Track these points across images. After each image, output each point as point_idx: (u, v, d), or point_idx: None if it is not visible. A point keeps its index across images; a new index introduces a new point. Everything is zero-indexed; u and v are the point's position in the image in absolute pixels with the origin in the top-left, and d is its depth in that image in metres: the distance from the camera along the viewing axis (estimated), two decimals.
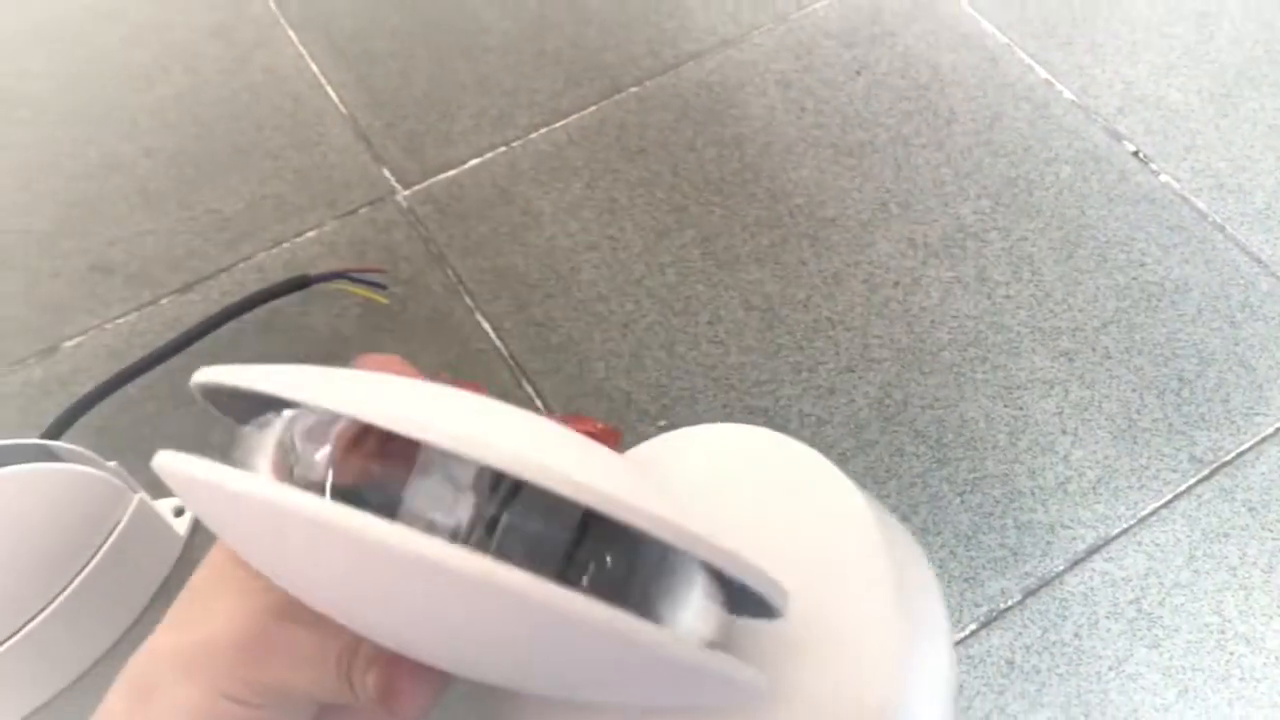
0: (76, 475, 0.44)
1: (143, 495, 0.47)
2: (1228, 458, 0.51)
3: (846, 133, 0.62)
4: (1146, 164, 0.60)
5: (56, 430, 0.51)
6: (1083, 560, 0.48)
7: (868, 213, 0.59)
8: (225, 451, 0.44)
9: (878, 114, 0.63)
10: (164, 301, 0.58)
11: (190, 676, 0.26)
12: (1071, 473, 0.50)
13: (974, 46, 0.66)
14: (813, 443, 0.51)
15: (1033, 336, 0.54)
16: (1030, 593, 0.47)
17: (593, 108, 0.64)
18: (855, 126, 0.63)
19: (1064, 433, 0.52)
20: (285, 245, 0.59)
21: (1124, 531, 0.49)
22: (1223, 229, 0.58)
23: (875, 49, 0.66)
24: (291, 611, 0.27)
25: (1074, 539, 0.49)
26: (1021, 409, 0.52)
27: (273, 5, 0.70)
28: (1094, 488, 0.50)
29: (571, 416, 0.28)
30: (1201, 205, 0.59)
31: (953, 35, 0.67)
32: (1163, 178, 0.60)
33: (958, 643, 0.46)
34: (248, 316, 0.56)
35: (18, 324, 0.57)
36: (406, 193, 0.61)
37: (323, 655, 0.26)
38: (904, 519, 0.49)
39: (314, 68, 0.67)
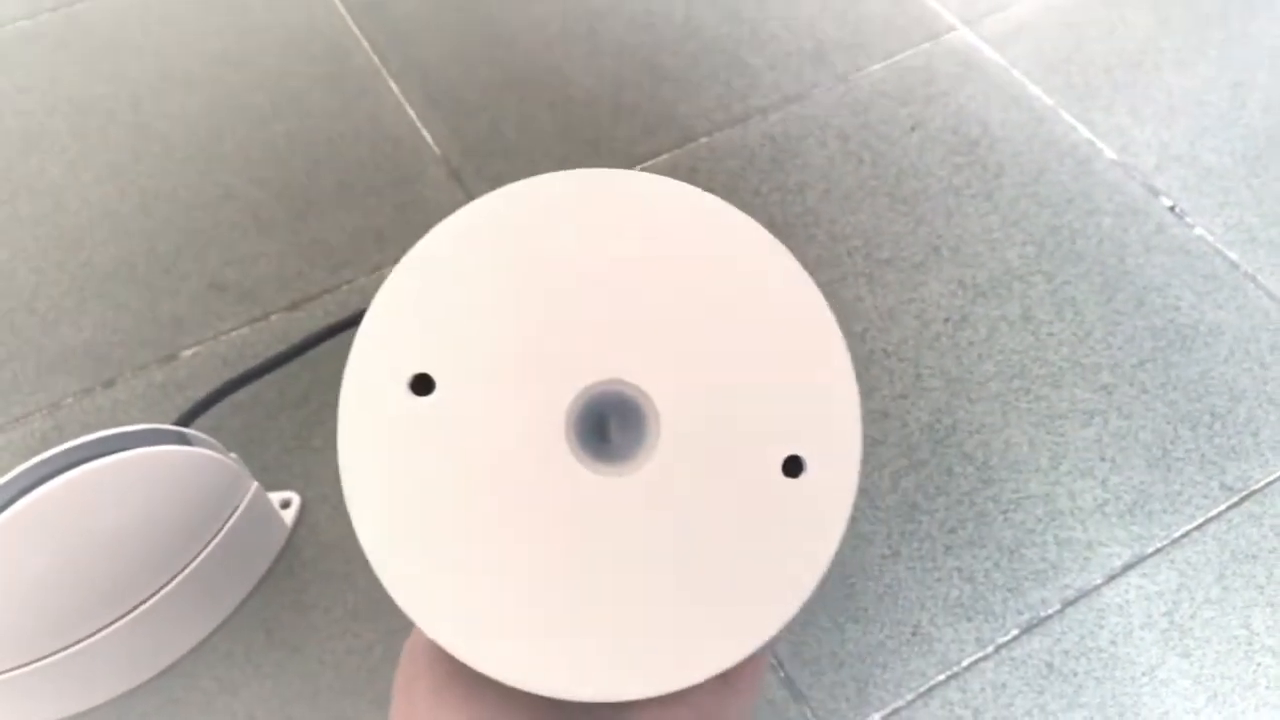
0: (206, 459, 0.49)
1: (258, 484, 0.52)
2: (1257, 486, 0.54)
3: (901, 183, 0.67)
4: (1182, 218, 0.65)
5: (184, 422, 0.57)
6: (1119, 575, 0.52)
7: (920, 255, 0.64)
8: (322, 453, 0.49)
9: (930, 166, 0.68)
10: (273, 318, 0.63)
11: None
12: (1109, 495, 0.54)
13: (1022, 107, 0.71)
14: (868, 461, 0.55)
15: (1074, 371, 0.59)
16: (1069, 603, 0.51)
17: (666, 155, 0.70)
18: (909, 177, 0.68)
19: (1102, 459, 0.55)
20: (384, 271, 0.65)
21: (1158, 550, 0.52)
22: (1254, 279, 0.62)
23: (929, 107, 0.71)
24: None
25: (1111, 556, 0.52)
26: (1063, 436, 0.56)
27: (375, 58, 0.77)
28: (1130, 510, 0.54)
29: None
30: (1234, 256, 0.63)
31: (1002, 96, 0.72)
32: (1197, 230, 0.64)
33: (1001, 646, 0.50)
34: (349, 333, 0.62)
35: (142, 334, 0.63)
36: None
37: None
38: (951, 531, 0.53)
39: (411, 114, 0.74)
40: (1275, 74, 0.72)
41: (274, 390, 0.60)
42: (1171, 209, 0.65)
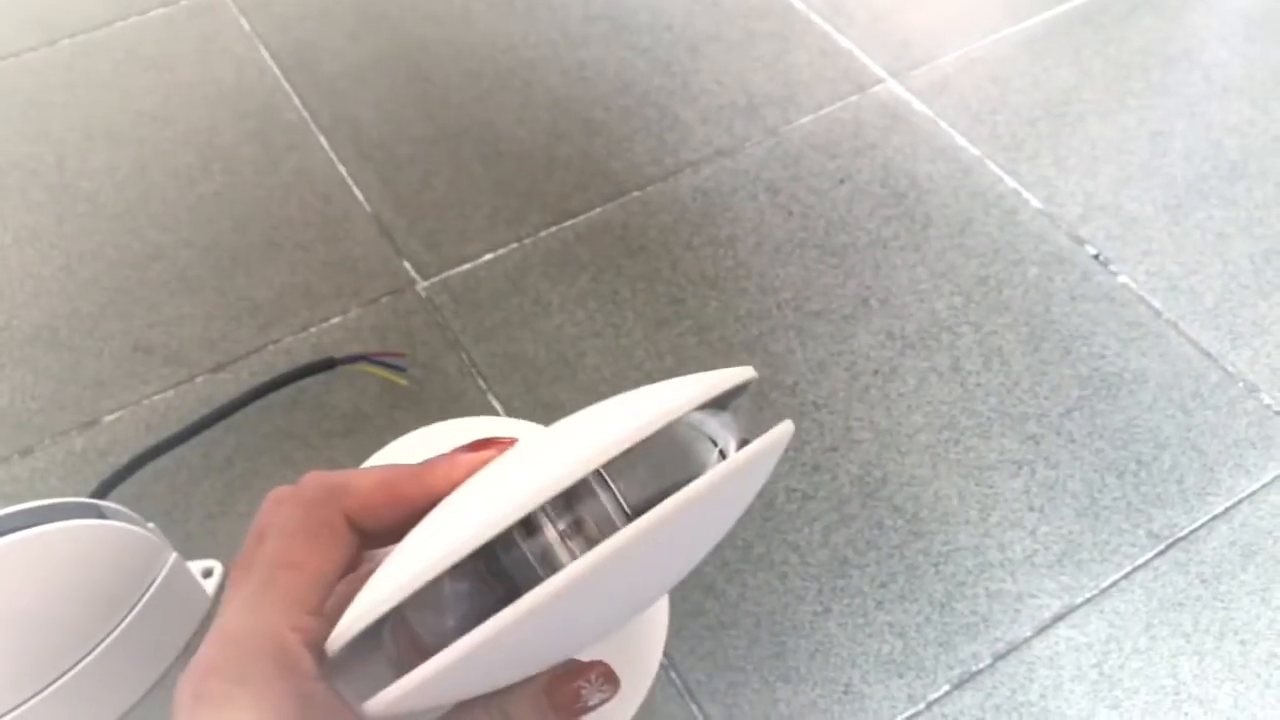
0: (121, 532, 0.48)
1: (178, 555, 0.51)
2: (1182, 534, 0.55)
3: (830, 235, 0.68)
4: (1106, 266, 0.66)
5: (99, 494, 0.55)
6: (1049, 627, 0.52)
7: (849, 307, 0.64)
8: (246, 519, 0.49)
9: (859, 218, 0.69)
10: (198, 380, 0.62)
11: None
12: (1038, 546, 0.54)
13: (948, 159, 0.72)
14: (798, 516, 0.55)
15: (1002, 421, 0.59)
16: (1000, 656, 0.51)
17: (598, 209, 0.70)
18: (838, 229, 0.68)
19: (1031, 509, 0.56)
20: (312, 330, 0.64)
21: (1087, 601, 0.53)
22: (1176, 325, 0.63)
23: (857, 160, 0.72)
24: None
25: (1040, 607, 0.52)
26: (991, 487, 0.57)
27: (305, 114, 0.76)
28: (1059, 560, 0.54)
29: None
30: (1157, 304, 0.64)
31: (929, 148, 0.73)
32: (1121, 279, 0.65)
33: (933, 702, 0.50)
34: (276, 395, 0.61)
35: (62, 399, 0.62)
36: (425, 284, 0.66)
37: None
38: (881, 586, 0.53)
39: (342, 170, 0.73)
40: (1194, 123, 0.74)
41: (198, 455, 0.59)
42: (1096, 257, 0.66)
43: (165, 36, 0.82)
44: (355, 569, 0.31)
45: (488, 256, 0.68)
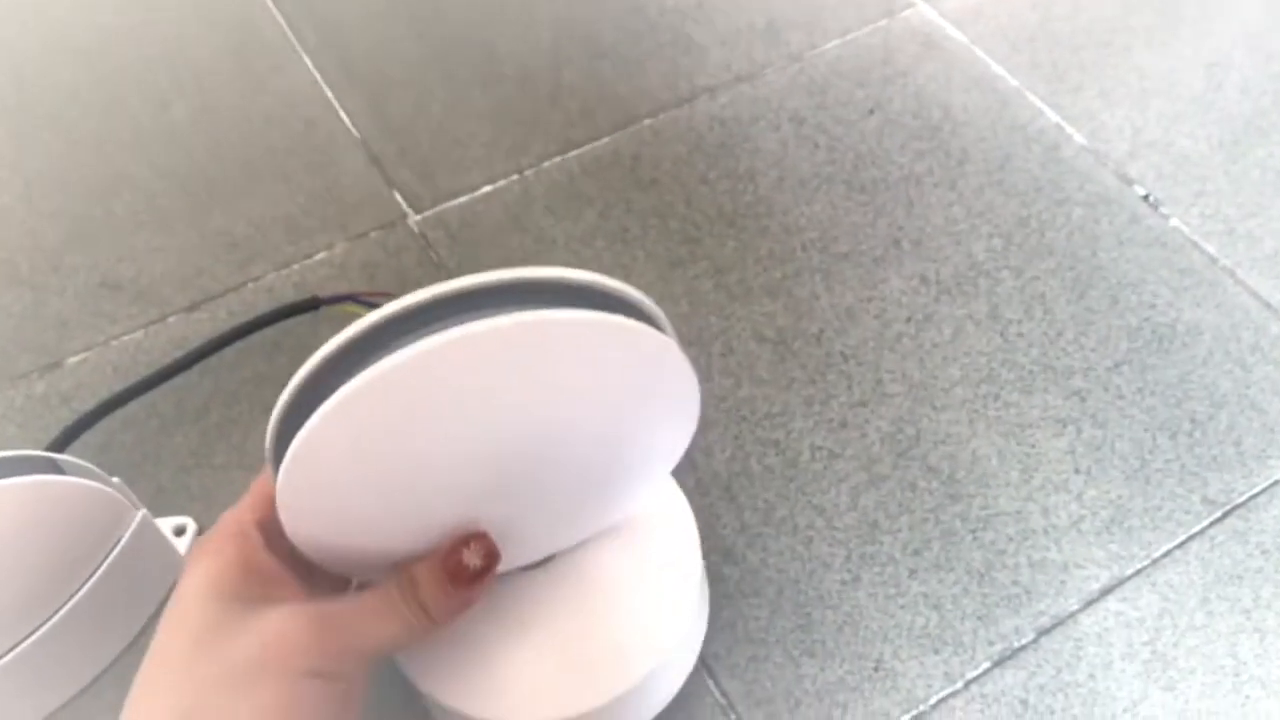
0: (80, 489, 0.43)
1: (145, 512, 0.47)
2: (1240, 499, 0.51)
3: (859, 170, 0.63)
4: (1156, 208, 0.61)
5: (59, 445, 0.51)
6: (1097, 600, 0.48)
7: (880, 249, 0.59)
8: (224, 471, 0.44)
9: (890, 152, 0.63)
10: (171, 320, 0.57)
11: (263, 676, 0.30)
12: (1085, 511, 0.50)
13: (985, 89, 0.67)
14: (824, 476, 0.51)
15: (1045, 375, 0.54)
16: (1044, 632, 0.47)
17: (606, 139, 0.64)
18: (868, 164, 0.63)
19: (1077, 471, 0.51)
20: (295, 267, 0.59)
21: (1138, 572, 0.48)
22: (1233, 273, 0.58)
23: (887, 89, 0.67)
24: (332, 593, 0.34)
25: (1088, 578, 0.48)
26: (1034, 447, 0.52)
27: (288, 31, 0.70)
28: (1107, 527, 0.50)
29: None
30: (1211, 250, 0.59)
31: (964, 77, 0.67)
32: (1173, 222, 0.60)
33: (971, 681, 0.46)
34: (256, 337, 0.56)
35: (22, 338, 0.57)
36: (418, 217, 0.61)
37: (386, 599, 0.33)
38: (915, 553, 0.49)
39: (328, 93, 0.67)
40: (1252, 53, 0.68)
41: (170, 402, 0.54)
42: (1145, 198, 0.61)
43: None
44: None
45: (486, 189, 0.62)
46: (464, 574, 0.34)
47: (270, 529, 0.34)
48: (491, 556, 0.34)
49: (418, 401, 0.30)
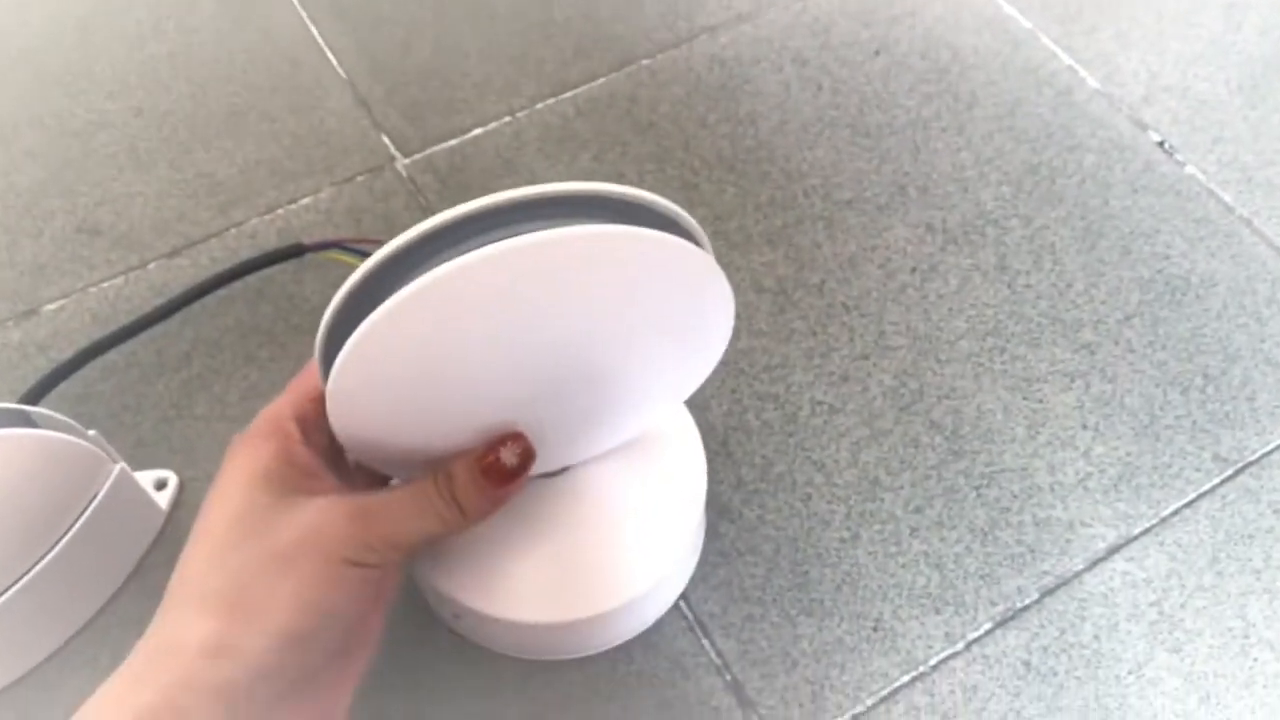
0: (54, 442, 0.42)
1: (123, 466, 0.45)
2: (1253, 457, 0.49)
3: (864, 113, 0.60)
4: (1172, 155, 0.59)
5: (34, 396, 0.49)
6: (1103, 560, 0.46)
7: (885, 196, 0.57)
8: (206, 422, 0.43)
9: (896, 95, 0.61)
10: (151, 266, 0.55)
11: (303, 561, 0.31)
12: (1092, 469, 0.49)
13: (996, 30, 0.64)
14: (824, 431, 0.49)
15: (1053, 328, 0.53)
16: (1048, 592, 0.46)
17: (602, 80, 0.62)
18: (873, 107, 0.61)
19: (1084, 427, 0.50)
20: (279, 211, 0.57)
21: (1146, 531, 0.47)
22: (1249, 223, 0.56)
23: (894, 29, 0.64)
24: (371, 488, 0.36)
25: (1094, 537, 0.47)
26: (1041, 402, 0.50)
27: None
28: (1115, 485, 0.48)
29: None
30: (1228, 198, 0.57)
31: (974, 18, 0.65)
32: (1189, 169, 0.58)
33: (973, 641, 0.44)
34: (239, 284, 0.54)
35: (26, 282, 0.55)
36: (406, 161, 0.59)
37: (423, 494, 0.34)
38: (916, 511, 0.47)
39: (313, 30, 0.65)
40: None
41: (150, 351, 0.52)
42: (1160, 145, 0.59)
43: None
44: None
45: (476, 131, 0.60)
46: (500, 472, 0.35)
47: (308, 425, 0.35)
48: (527, 456, 0.35)
49: (468, 308, 0.31)
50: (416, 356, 0.32)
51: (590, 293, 0.32)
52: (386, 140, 0.60)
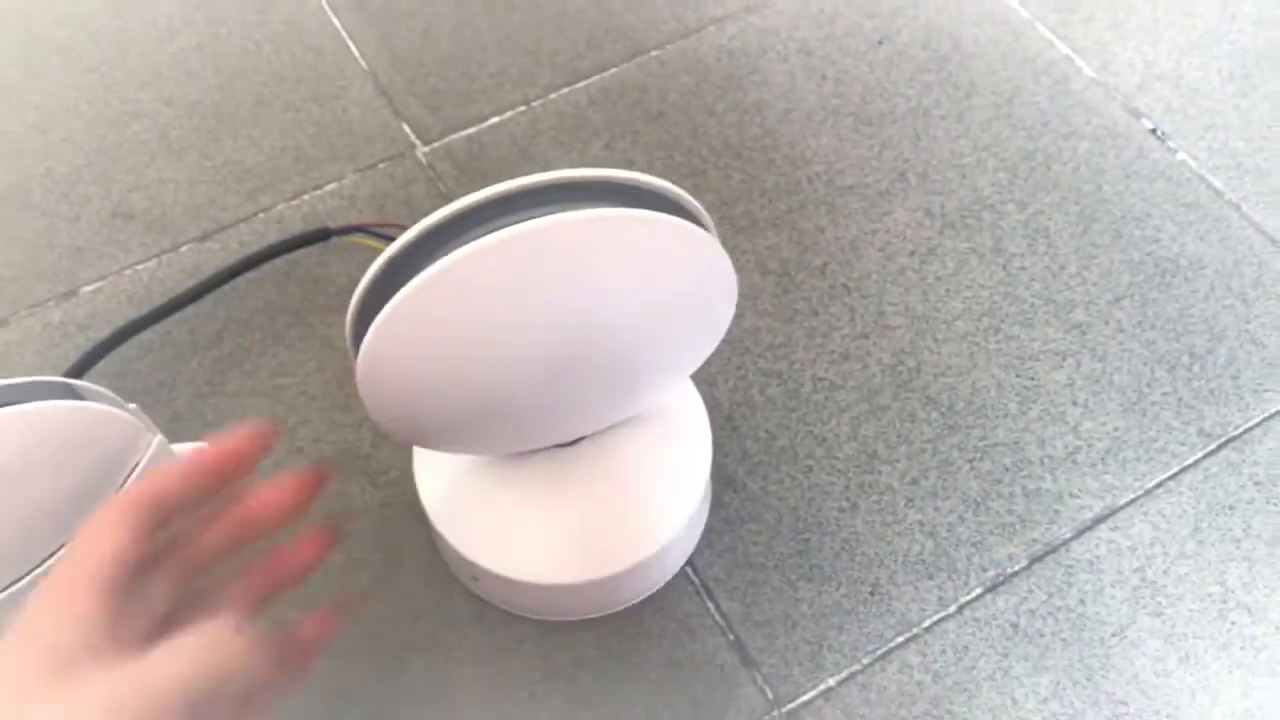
0: (98, 414, 0.44)
1: (161, 437, 0.48)
2: (1236, 433, 0.51)
3: (866, 102, 0.63)
4: (1164, 141, 0.61)
5: (76, 372, 0.52)
6: (1089, 529, 0.49)
7: (886, 182, 0.59)
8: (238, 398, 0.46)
9: (898, 84, 0.63)
10: (183, 249, 0.58)
11: None
12: (1081, 443, 0.51)
13: (996, 20, 0.66)
14: (825, 407, 0.51)
15: (1046, 308, 0.55)
16: (1036, 559, 0.48)
17: (613, 70, 0.64)
18: (875, 96, 0.63)
19: (1074, 404, 0.52)
20: (305, 197, 0.60)
21: (1131, 502, 0.49)
22: (1238, 208, 0.58)
23: (897, 20, 0.66)
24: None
25: (1081, 508, 0.49)
26: (1033, 379, 0.53)
27: None
28: (1103, 458, 0.51)
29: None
30: (1218, 184, 0.59)
31: (975, 9, 0.67)
32: (1180, 155, 0.60)
33: (964, 605, 0.47)
34: (266, 266, 0.56)
35: (37, 266, 0.57)
36: (426, 149, 0.61)
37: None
38: (912, 482, 0.50)
39: (336, 22, 0.67)
40: None
41: (184, 330, 0.55)
42: (1153, 132, 0.61)
43: None
44: None
45: (493, 120, 0.63)
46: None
47: (152, 518, 0.32)
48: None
49: (489, 287, 0.33)
50: (441, 332, 0.34)
51: (602, 272, 0.35)
52: (407, 129, 0.62)
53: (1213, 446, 0.51)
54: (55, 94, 0.64)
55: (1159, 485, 0.50)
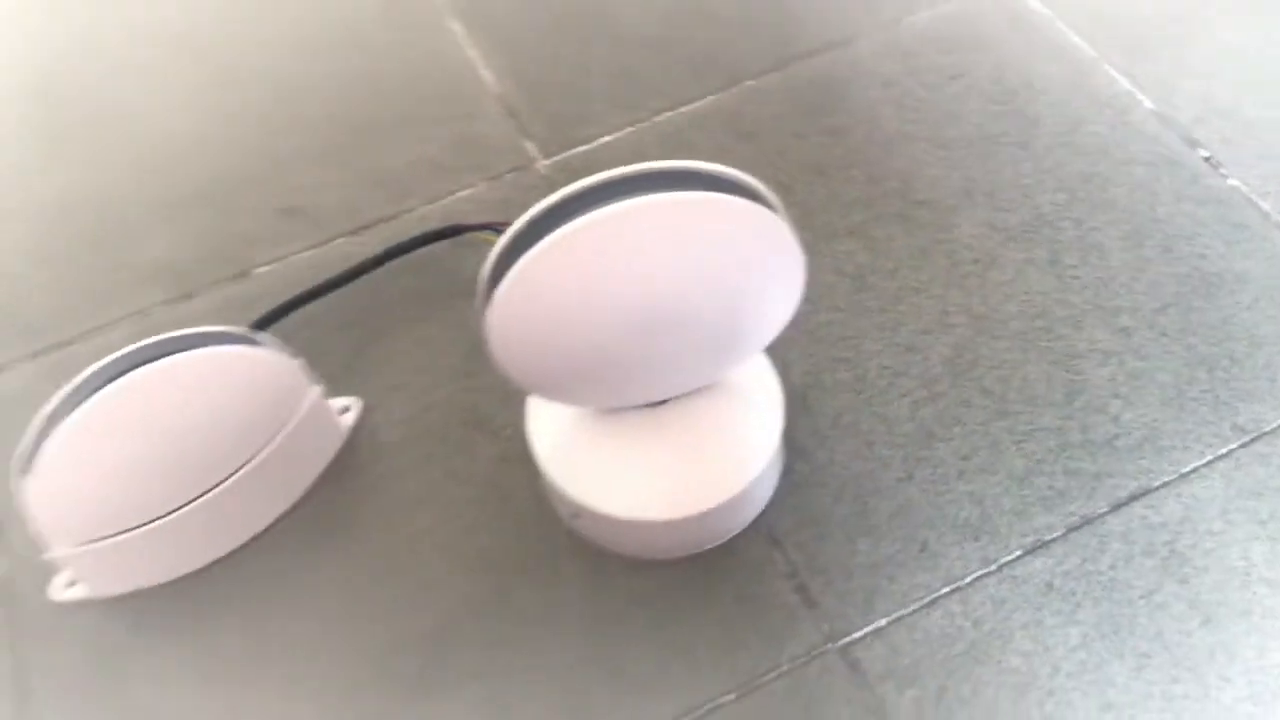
0: (274, 359, 0.54)
1: (321, 388, 0.57)
2: (1268, 428, 0.56)
3: (939, 129, 0.69)
4: (1217, 168, 0.66)
5: (257, 328, 0.61)
6: (1124, 505, 0.54)
7: (954, 198, 0.66)
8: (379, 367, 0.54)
9: (969, 114, 0.70)
10: (337, 241, 0.68)
11: None
12: (1120, 431, 0.56)
13: (1065, 60, 0.72)
14: (888, 391, 0.58)
15: (1095, 313, 0.61)
16: (1073, 529, 0.54)
17: (712, 97, 0.72)
18: (948, 123, 0.70)
19: (1116, 397, 0.58)
20: (442, 201, 0.69)
21: (1164, 484, 0.55)
22: None
23: (972, 56, 0.73)
24: None
25: (1117, 487, 0.55)
26: (1079, 374, 0.58)
27: (439, 1, 0.80)
28: (1140, 445, 0.56)
29: None
30: (1266, 206, 0.64)
31: (1047, 49, 0.73)
32: (1231, 181, 0.65)
33: (1004, 564, 0.53)
34: (409, 257, 0.66)
35: (217, 252, 0.68)
36: (546, 162, 0.70)
37: None
38: (963, 459, 0.56)
39: (472, 53, 0.77)
40: None
41: (337, 308, 0.65)
42: (1207, 160, 0.67)
43: None
44: None
45: (605, 139, 0.71)
46: None
47: None
48: None
49: (599, 253, 0.41)
50: (554, 291, 0.42)
51: (690, 246, 0.42)
52: (530, 145, 0.71)
53: (1245, 439, 0.56)
54: (234, 109, 0.75)
55: (1192, 471, 0.55)
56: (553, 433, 0.54)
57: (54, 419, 0.49)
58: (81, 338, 0.65)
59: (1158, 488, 0.55)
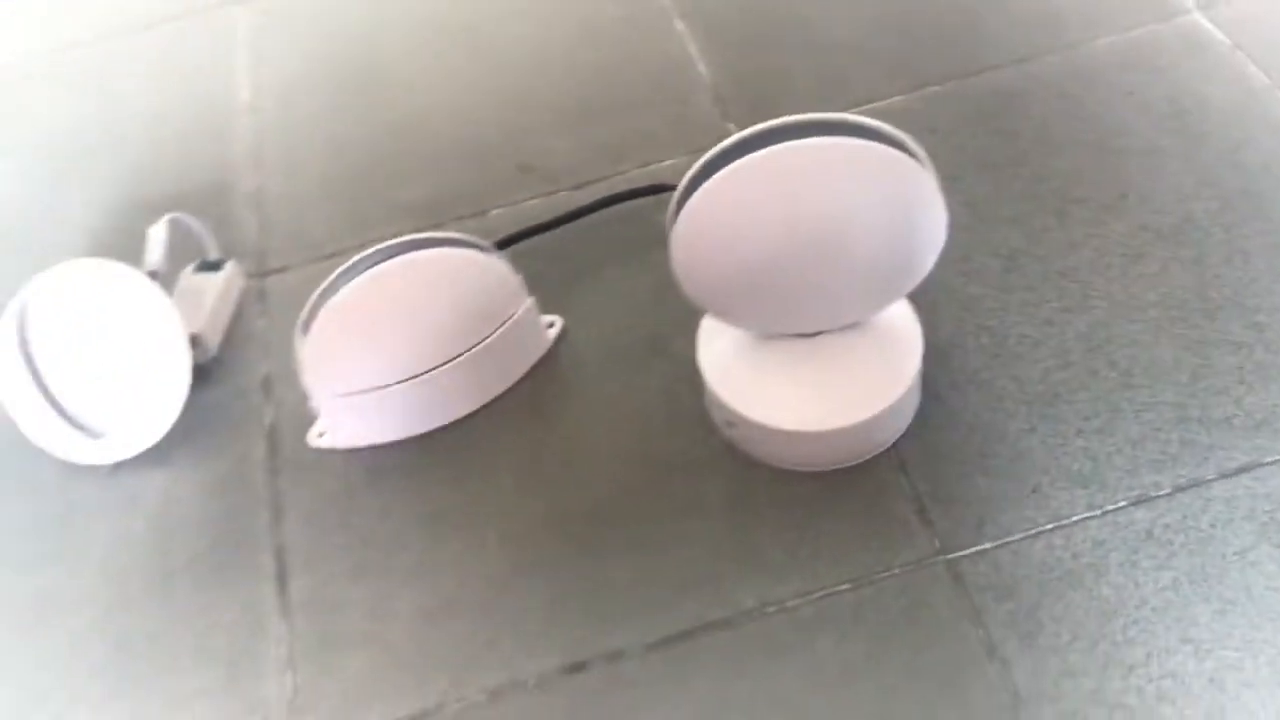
0: (502, 270, 0.66)
1: (534, 300, 0.69)
2: None
3: (1107, 139, 0.76)
4: None
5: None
6: (1232, 475, 0.59)
7: (1111, 200, 0.72)
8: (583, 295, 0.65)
9: (1138, 128, 0.76)
10: (561, 194, 0.80)
11: None
12: (1239, 412, 0.61)
13: (1239, 84, 0.77)
14: (1024, 357, 0.65)
15: (1232, 308, 0.65)
16: (1180, 489, 0.59)
17: (899, 97, 0.81)
18: (1116, 134, 0.76)
19: (1240, 383, 0.62)
20: (650, 167, 0.80)
21: (1275, 461, 0.59)
22: None
23: (1148, 76, 0.79)
24: None
25: (1228, 459, 0.60)
26: (1207, 360, 0.64)
27: (668, 3, 0.92)
28: (1257, 427, 0.61)
29: None
30: None
31: (1223, 74, 0.78)
32: None
33: (1109, 511, 0.59)
34: (618, 208, 0.77)
35: (462, 196, 0.81)
36: None
37: None
38: (1084, 420, 0.62)
39: (691, 49, 0.88)
40: None
41: (555, 245, 0.77)
42: None
43: None
44: None
45: None
46: None
47: None
48: None
49: (771, 184, 0.51)
50: (734, 212, 0.52)
51: (846, 184, 0.52)
52: (732, 127, 0.82)
53: None
54: (480, 85, 0.89)
55: None
56: (718, 352, 0.63)
57: (327, 293, 0.63)
58: (347, 252, 0.79)
59: (1268, 463, 0.59)
